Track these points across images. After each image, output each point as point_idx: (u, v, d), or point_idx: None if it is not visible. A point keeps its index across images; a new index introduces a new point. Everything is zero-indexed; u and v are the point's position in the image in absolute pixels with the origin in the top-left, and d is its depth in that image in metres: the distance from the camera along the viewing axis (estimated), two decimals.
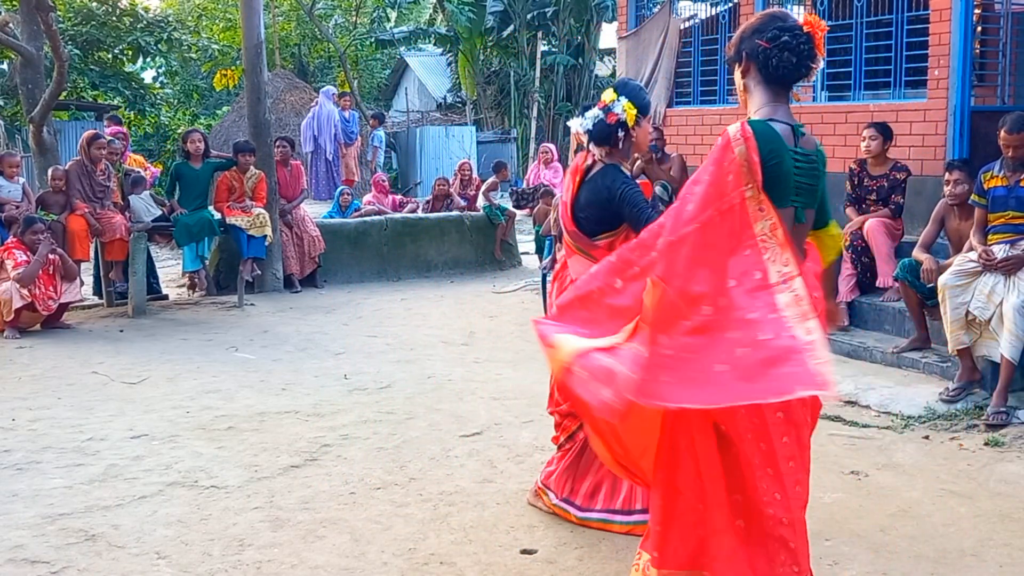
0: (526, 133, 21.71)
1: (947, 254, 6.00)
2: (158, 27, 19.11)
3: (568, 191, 3.86)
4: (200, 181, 9.33)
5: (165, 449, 4.95)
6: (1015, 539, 3.81)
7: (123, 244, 8.76)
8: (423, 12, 28.04)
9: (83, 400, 5.92)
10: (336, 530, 3.92)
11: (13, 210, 8.53)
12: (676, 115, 10.02)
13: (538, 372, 6.61)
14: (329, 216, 11.34)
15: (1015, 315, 5.12)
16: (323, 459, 4.79)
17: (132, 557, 3.67)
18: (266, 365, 6.84)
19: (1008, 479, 4.46)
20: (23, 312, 7.75)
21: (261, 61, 9.84)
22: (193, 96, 27.03)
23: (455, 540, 3.81)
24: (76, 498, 4.27)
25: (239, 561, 3.63)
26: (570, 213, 3.83)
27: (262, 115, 9.92)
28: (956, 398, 5.45)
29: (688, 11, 10.42)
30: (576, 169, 3.88)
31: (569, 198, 3.85)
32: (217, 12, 25.84)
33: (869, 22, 7.93)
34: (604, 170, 3.76)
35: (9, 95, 17.98)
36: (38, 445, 5.01)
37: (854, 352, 6.43)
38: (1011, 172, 5.46)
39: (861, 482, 4.44)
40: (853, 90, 8.15)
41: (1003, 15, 7.93)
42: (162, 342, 7.63)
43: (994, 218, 5.49)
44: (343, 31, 25.05)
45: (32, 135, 11.39)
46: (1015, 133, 5.39)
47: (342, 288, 10.01)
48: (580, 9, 21.98)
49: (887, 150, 6.98)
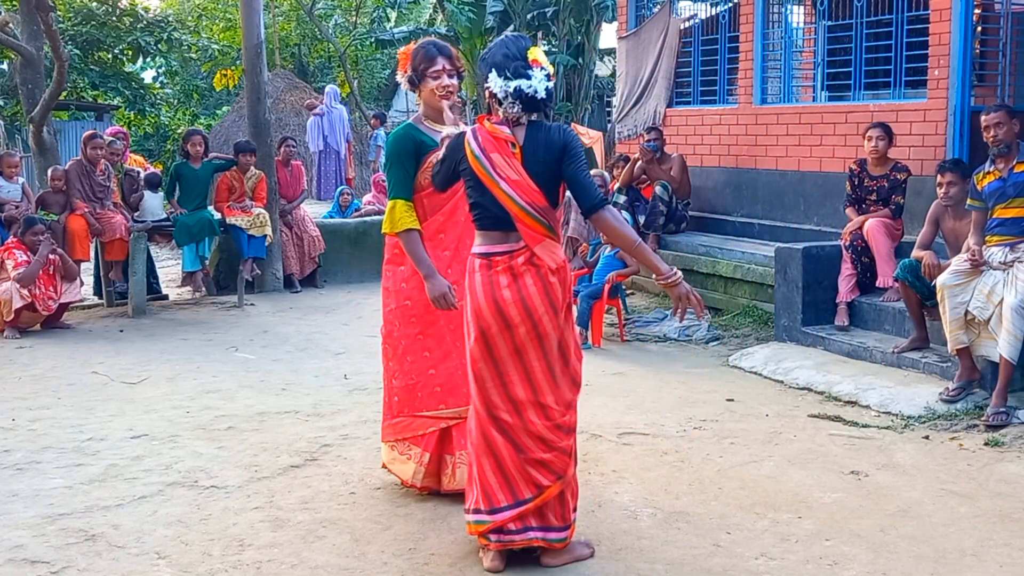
0: None
1: (945, 255, 6.00)
2: (158, 27, 19.09)
3: (513, 167, 3.46)
4: (200, 181, 9.33)
5: (165, 449, 4.95)
6: (1015, 539, 3.81)
7: (123, 244, 8.76)
8: (423, 12, 28.02)
9: (83, 400, 5.92)
10: (336, 530, 3.92)
11: (13, 210, 8.54)
12: (676, 115, 10.01)
13: None
14: (329, 216, 11.34)
15: (1013, 315, 5.12)
16: (323, 459, 4.79)
17: (132, 557, 3.67)
18: (266, 365, 6.84)
19: (1008, 479, 4.46)
20: (23, 312, 7.75)
21: (261, 61, 9.84)
22: (193, 96, 27.00)
23: (455, 540, 3.81)
24: (76, 498, 4.27)
25: (239, 561, 3.63)
26: (537, 186, 3.47)
27: (262, 115, 9.92)
28: (956, 398, 5.45)
29: (688, 11, 10.42)
30: (503, 140, 3.48)
31: (524, 173, 3.46)
32: (217, 12, 25.81)
33: (869, 22, 7.93)
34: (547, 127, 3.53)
35: (9, 95, 17.98)
36: (38, 445, 5.01)
37: (854, 352, 6.43)
38: (1002, 163, 5.47)
39: (861, 482, 4.44)
40: (853, 90, 8.16)
41: (1003, 15, 7.93)
42: (162, 342, 7.63)
43: (999, 211, 5.48)
44: (343, 31, 25.04)
45: (32, 135, 11.39)
46: (991, 113, 5.47)
47: (342, 288, 10.01)
48: (580, 9, 21.97)
49: (887, 150, 6.99)
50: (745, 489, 4.34)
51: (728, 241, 8.68)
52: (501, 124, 3.50)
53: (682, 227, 9.18)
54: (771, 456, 4.81)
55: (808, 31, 9.42)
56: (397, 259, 4.20)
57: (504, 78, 3.43)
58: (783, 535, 3.85)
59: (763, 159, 8.89)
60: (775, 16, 9.06)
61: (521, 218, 3.45)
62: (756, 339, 7.32)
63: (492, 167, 3.45)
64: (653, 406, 5.63)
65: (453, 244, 4.15)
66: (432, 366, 4.15)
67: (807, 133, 8.40)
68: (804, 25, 9.57)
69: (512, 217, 3.46)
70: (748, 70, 9.02)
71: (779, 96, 8.99)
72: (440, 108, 4.09)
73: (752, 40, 8.94)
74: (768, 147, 8.81)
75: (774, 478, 4.50)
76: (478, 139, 3.50)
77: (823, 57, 8.76)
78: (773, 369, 6.46)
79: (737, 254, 8.20)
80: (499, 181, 3.44)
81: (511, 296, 3.47)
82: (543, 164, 3.46)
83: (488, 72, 3.49)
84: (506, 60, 3.46)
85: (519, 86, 3.42)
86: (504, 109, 3.47)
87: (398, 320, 4.19)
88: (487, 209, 3.51)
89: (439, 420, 4.16)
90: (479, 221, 3.58)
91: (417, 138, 4.10)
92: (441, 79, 4.08)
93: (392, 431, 4.27)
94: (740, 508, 4.13)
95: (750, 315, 7.81)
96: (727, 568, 3.56)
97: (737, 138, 9.19)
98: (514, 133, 3.48)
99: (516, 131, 3.49)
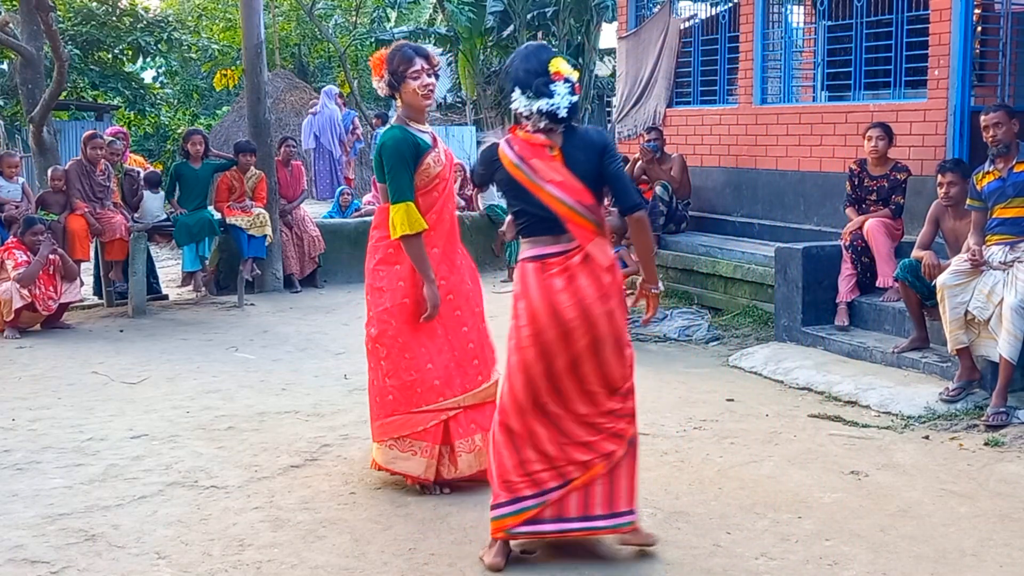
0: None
1: (945, 255, 6.00)
2: (158, 27, 19.09)
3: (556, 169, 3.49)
4: (200, 181, 9.33)
5: (165, 449, 4.95)
6: (1015, 539, 3.81)
7: (123, 244, 8.76)
8: (423, 12, 28.00)
9: (83, 400, 5.92)
10: (336, 530, 3.92)
11: (13, 210, 8.54)
12: (676, 115, 10.01)
13: None
14: (329, 216, 11.35)
15: (1013, 315, 5.12)
16: (323, 459, 4.79)
17: (132, 557, 3.67)
18: (266, 365, 6.84)
19: (1008, 479, 4.46)
20: (23, 312, 7.75)
21: (261, 61, 9.84)
22: (193, 96, 27.00)
23: (455, 540, 3.81)
24: (76, 498, 4.27)
25: (239, 561, 3.63)
26: (583, 186, 3.50)
27: (262, 115, 9.92)
28: (956, 398, 5.45)
29: (688, 11, 10.42)
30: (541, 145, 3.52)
31: (568, 173, 3.50)
32: (217, 12, 25.81)
33: (869, 22, 7.93)
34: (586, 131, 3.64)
35: (9, 95, 17.97)
36: (38, 445, 5.01)
37: (854, 352, 6.43)
38: (1002, 162, 5.47)
39: (861, 482, 4.44)
40: (853, 90, 8.15)
41: (1003, 15, 7.92)
42: (162, 342, 7.63)
43: (999, 211, 5.48)
44: (343, 31, 25.04)
45: (32, 135, 11.39)
46: (991, 113, 5.48)
47: (342, 288, 10.00)
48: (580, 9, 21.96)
49: (887, 150, 6.99)
50: (745, 489, 4.34)
51: (728, 241, 8.68)
52: (535, 132, 3.54)
53: (682, 227, 9.18)
54: (771, 456, 4.81)
55: (808, 31, 9.42)
56: (392, 259, 4.25)
57: (527, 97, 3.47)
58: (783, 535, 3.85)
59: (763, 159, 8.89)
60: (775, 16, 9.06)
61: (571, 218, 3.49)
62: (756, 339, 7.32)
63: (534, 172, 3.50)
64: (653, 406, 5.63)
65: (441, 242, 4.27)
66: (429, 360, 4.21)
67: (807, 133, 8.40)
68: (804, 25, 9.57)
69: (561, 218, 3.49)
70: (748, 70, 9.02)
71: (779, 96, 8.99)
72: (423, 107, 4.20)
73: (752, 40, 8.94)
74: (768, 147, 8.81)
75: (774, 478, 4.50)
76: (514, 148, 3.54)
77: (823, 57, 8.76)
78: (773, 369, 6.46)
79: (737, 254, 8.20)
80: (543, 184, 3.47)
81: (568, 299, 3.48)
82: (584, 164, 3.51)
83: (512, 89, 3.51)
84: (528, 76, 3.48)
85: (541, 107, 3.45)
86: (532, 124, 3.51)
87: (395, 318, 4.22)
88: (532, 214, 3.54)
89: (440, 412, 4.21)
90: (526, 228, 3.59)
91: (413, 140, 4.15)
92: (421, 78, 4.16)
93: (388, 430, 4.29)
94: (740, 508, 4.13)
95: (750, 315, 7.81)
96: (727, 568, 3.56)
97: (737, 138, 9.19)
98: (549, 138, 3.52)
99: (552, 136, 3.53)
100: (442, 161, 4.26)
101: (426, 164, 4.14)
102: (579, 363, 3.52)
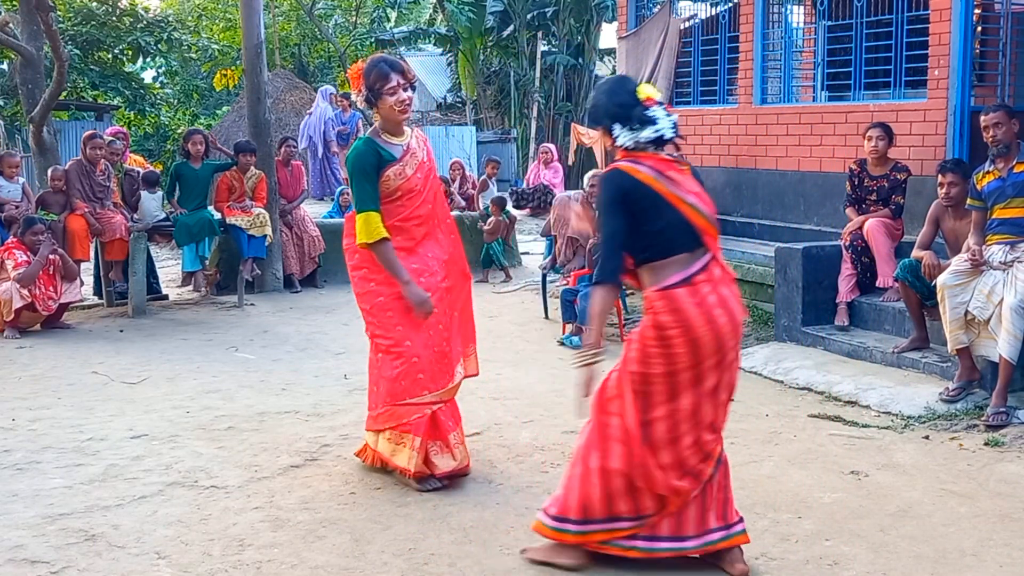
0: (526, 133, 21.71)
1: (945, 255, 6.00)
2: (158, 27, 19.11)
3: (691, 181, 3.51)
4: (200, 181, 9.33)
5: (165, 449, 4.95)
6: (1015, 539, 3.81)
7: (123, 244, 8.76)
8: (423, 12, 28.04)
9: (83, 400, 5.92)
10: (336, 530, 3.92)
11: (13, 210, 8.54)
12: (676, 115, 10.00)
13: (538, 372, 6.61)
14: (329, 216, 11.34)
15: (1013, 315, 5.11)
16: (323, 459, 4.79)
17: (132, 557, 3.67)
18: (266, 365, 6.84)
19: (1008, 479, 4.46)
20: (23, 312, 7.75)
21: (261, 61, 9.84)
22: (193, 96, 27.03)
23: (455, 540, 3.81)
24: (76, 498, 4.27)
25: (239, 561, 3.63)
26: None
27: (262, 115, 9.92)
28: (956, 398, 5.46)
29: (688, 11, 10.42)
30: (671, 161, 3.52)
31: (699, 184, 3.53)
32: (217, 12, 25.84)
33: (869, 22, 7.93)
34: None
35: (9, 95, 17.98)
36: (38, 445, 5.01)
37: (854, 352, 6.43)
38: (1002, 162, 5.48)
39: (861, 482, 4.44)
40: (853, 90, 8.16)
41: (1003, 15, 7.93)
42: (162, 342, 7.63)
43: (999, 211, 5.48)
44: (343, 31, 25.07)
45: (32, 135, 11.39)
46: (991, 113, 5.48)
47: (342, 288, 9.96)
48: (580, 9, 21.97)
49: (887, 150, 6.98)
50: (745, 489, 4.33)
51: (728, 241, 8.67)
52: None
53: None
54: (771, 456, 4.81)
55: (808, 31, 9.42)
56: (360, 263, 4.51)
57: (631, 130, 3.45)
58: (783, 535, 3.85)
59: (763, 159, 8.89)
60: (775, 16, 9.06)
61: (707, 229, 3.45)
62: (756, 339, 7.32)
63: (675, 184, 3.44)
64: None
65: (414, 244, 4.42)
66: (416, 354, 4.29)
67: (807, 133, 8.40)
68: (804, 25, 9.57)
69: (698, 230, 3.42)
70: (748, 70, 9.02)
71: (779, 96, 8.99)
72: (399, 121, 4.36)
73: (752, 40, 8.94)
74: (768, 147, 8.81)
75: (774, 478, 4.50)
76: (646, 163, 3.46)
77: (823, 57, 8.76)
78: (773, 369, 6.46)
79: (737, 254, 8.20)
80: (685, 196, 3.42)
81: (723, 313, 3.37)
82: (698, 178, 3.55)
83: (611, 126, 3.48)
84: (623, 110, 3.46)
85: (648, 136, 3.45)
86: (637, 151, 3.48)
87: (390, 310, 4.33)
88: (669, 233, 3.40)
89: (423, 406, 4.29)
90: (662, 250, 3.40)
91: (377, 152, 4.31)
92: (398, 94, 4.29)
93: (374, 422, 4.41)
94: (740, 508, 4.11)
95: (750, 315, 7.81)
96: None
97: (737, 138, 9.19)
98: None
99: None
100: (406, 174, 4.35)
101: (386, 176, 4.31)
102: (723, 378, 3.45)
